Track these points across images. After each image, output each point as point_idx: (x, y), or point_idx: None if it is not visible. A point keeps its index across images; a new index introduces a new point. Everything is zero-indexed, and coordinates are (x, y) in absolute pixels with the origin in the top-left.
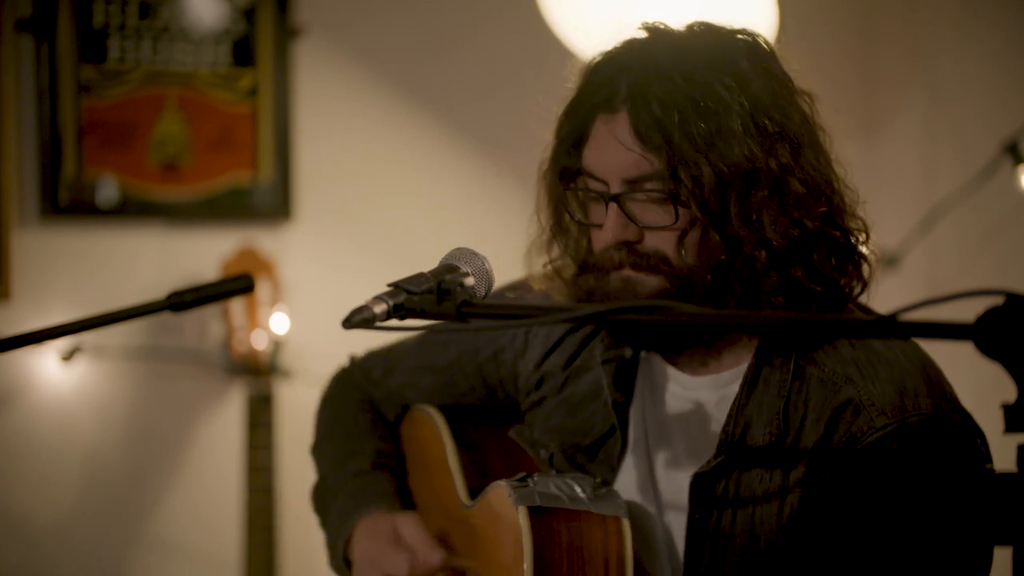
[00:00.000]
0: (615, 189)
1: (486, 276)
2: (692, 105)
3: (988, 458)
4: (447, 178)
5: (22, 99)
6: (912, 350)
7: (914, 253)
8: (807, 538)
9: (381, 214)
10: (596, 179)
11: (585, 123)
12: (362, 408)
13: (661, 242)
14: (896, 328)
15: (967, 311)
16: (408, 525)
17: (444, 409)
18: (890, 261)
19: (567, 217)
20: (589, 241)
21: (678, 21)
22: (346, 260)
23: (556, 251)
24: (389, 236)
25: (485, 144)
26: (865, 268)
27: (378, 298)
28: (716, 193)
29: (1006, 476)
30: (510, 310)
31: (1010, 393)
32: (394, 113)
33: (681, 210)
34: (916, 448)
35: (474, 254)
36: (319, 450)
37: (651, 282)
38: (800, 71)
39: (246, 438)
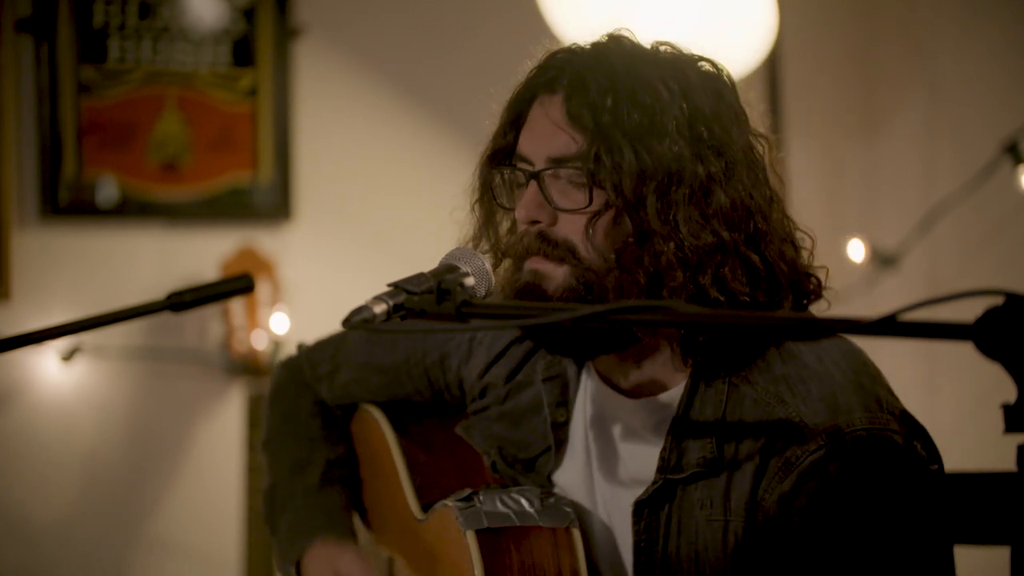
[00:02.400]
0: (538, 168)
1: (486, 276)
2: (629, 95)
3: (933, 459)
4: (447, 178)
5: (22, 99)
6: (844, 357)
7: (914, 253)
8: (752, 565)
9: (381, 214)
10: (524, 160)
11: (525, 105)
12: (313, 410)
13: (572, 231)
14: (896, 328)
15: (967, 311)
16: (351, 563)
17: (390, 408)
18: (890, 261)
19: (495, 205)
20: (511, 231)
21: (674, 22)
22: (346, 260)
23: (484, 246)
24: (389, 236)
25: (485, 144)
26: (787, 304)
27: (378, 298)
28: (635, 181)
29: (956, 476)
30: (509, 310)
31: (1010, 393)
32: (394, 113)
33: (596, 192)
34: (854, 467)
35: (474, 254)
36: (270, 449)
37: (559, 274)
38: (762, 114)
39: (246, 438)
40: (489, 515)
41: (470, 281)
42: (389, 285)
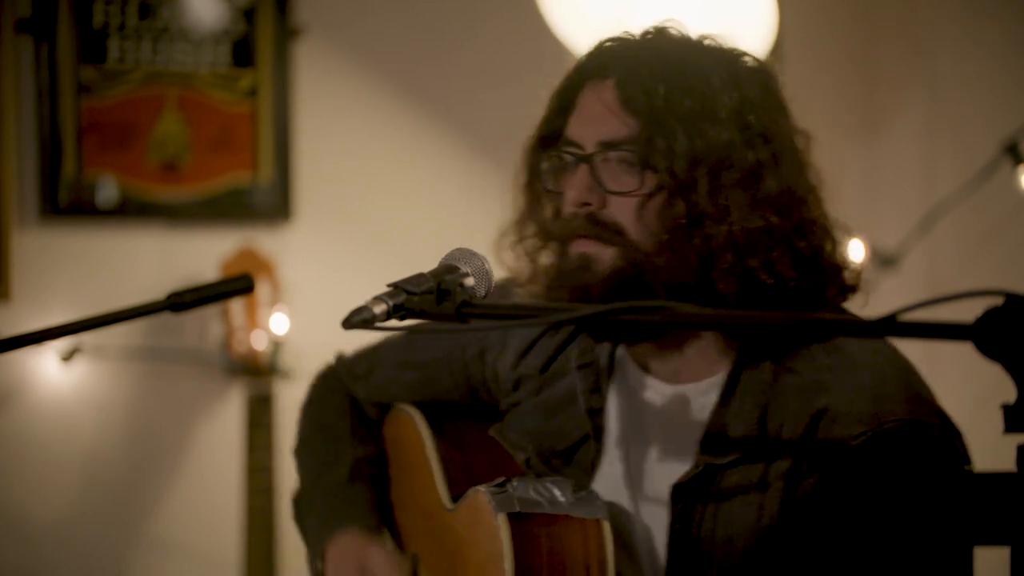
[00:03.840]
0: (589, 151)
1: (486, 276)
2: (681, 82)
3: (967, 459)
4: (447, 178)
5: (22, 99)
6: (887, 354)
7: (914, 253)
8: (785, 548)
9: (381, 214)
10: (573, 145)
11: (575, 91)
12: (343, 411)
13: (622, 214)
14: (896, 328)
15: (967, 311)
16: (376, 556)
17: (425, 407)
18: (890, 261)
19: (540, 188)
20: (557, 215)
21: (681, 21)
22: (346, 260)
23: (529, 229)
24: (389, 236)
25: (485, 144)
26: (832, 290)
27: (378, 298)
28: (687, 164)
29: (985, 476)
30: (510, 310)
31: (1010, 393)
32: (394, 113)
33: (648, 174)
34: (893, 455)
35: (474, 254)
36: (299, 454)
37: (607, 256)
38: (802, 108)
39: (246, 438)
40: (521, 500)
41: (470, 281)
42: (389, 285)
